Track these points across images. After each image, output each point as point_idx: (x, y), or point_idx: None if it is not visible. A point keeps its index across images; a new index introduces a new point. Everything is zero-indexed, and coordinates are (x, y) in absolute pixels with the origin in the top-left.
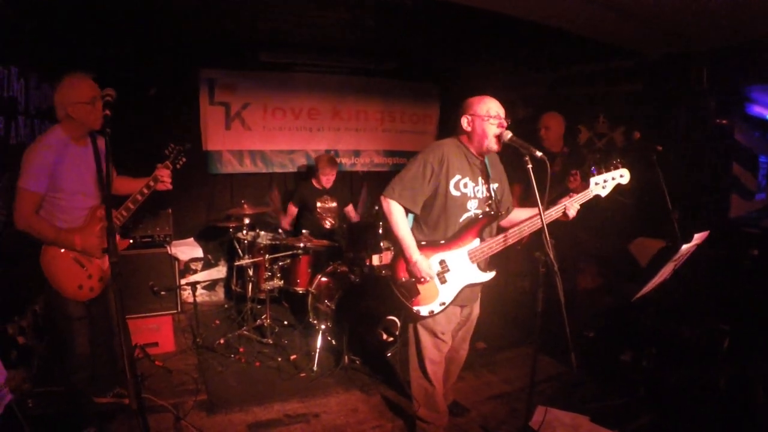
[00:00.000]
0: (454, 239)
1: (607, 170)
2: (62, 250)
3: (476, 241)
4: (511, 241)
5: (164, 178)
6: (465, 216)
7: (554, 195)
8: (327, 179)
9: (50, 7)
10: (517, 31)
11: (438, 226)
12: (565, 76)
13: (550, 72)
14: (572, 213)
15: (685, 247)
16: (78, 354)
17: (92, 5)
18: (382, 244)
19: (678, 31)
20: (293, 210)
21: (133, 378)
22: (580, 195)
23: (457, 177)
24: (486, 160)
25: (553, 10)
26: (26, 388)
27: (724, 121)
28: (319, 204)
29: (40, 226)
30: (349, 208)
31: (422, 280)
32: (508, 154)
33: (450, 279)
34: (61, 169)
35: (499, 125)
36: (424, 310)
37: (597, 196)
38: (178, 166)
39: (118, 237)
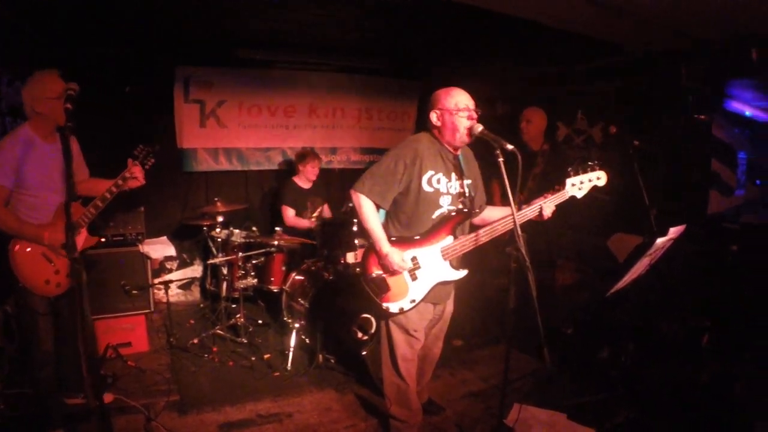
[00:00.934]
0: (426, 236)
1: (584, 172)
2: (30, 245)
3: (449, 239)
4: (483, 240)
5: (136, 174)
6: (438, 212)
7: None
8: (314, 172)
9: (22, 6)
10: (500, 29)
11: (410, 222)
12: (545, 73)
13: (531, 69)
14: (547, 213)
15: (660, 241)
16: (43, 350)
17: (65, 3)
18: (356, 241)
19: (661, 28)
20: (291, 212)
21: (90, 376)
22: (555, 196)
23: (430, 173)
24: (460, 156)
25: (538, 7)
26: None
27: (702, 117)
28: (309, 205)
29: (7, 218)
30: (325, 207)
31: (395, 273)
32: (484, 151)
33: (421, 276)
34: (26, 165)
35: (470, 117)
36: (393, 307)
37: (573, 197)
38: (146, 166)
39: (86, 234)
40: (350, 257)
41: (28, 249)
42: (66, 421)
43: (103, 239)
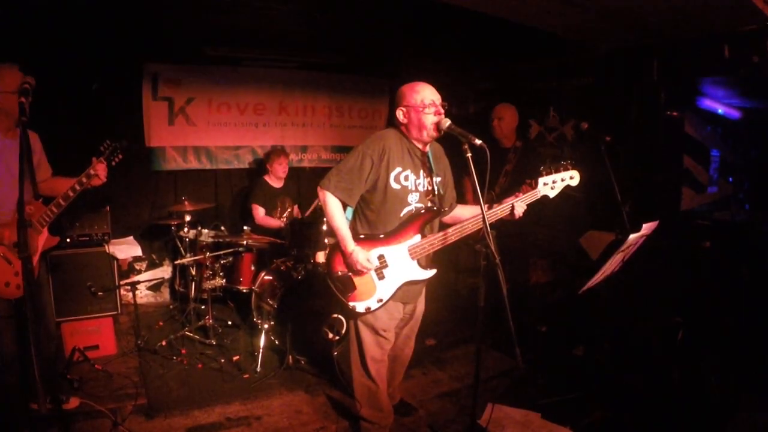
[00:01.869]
0: (393, 234)
1: (557, 171)
2: None
3: (417, 237)
4: (451, 240)
5: (99, 172)
6: (405, 210)
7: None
8: (282, 169)
9: None
10: (470, 25)
11: (378, 220)
12: (516, 71)
13: (501, 67)
14: (519, 212)
15: (632, 236)
16: (5, 354)
17: None
18: (326, 240)
19: (632, 24)
20: (261, 210)
21: (43, 380)
22: (527, 195)
23: (398, 169)
24: (429, 153)
25: (505, 3)
26: None
27: (674, 114)
28: (278, 205)
29: None
30: (295, 208)
31: (361, 272)
32: (455, 148)
33: (388, 275)
34: None
35: (436, 112)
36: (360, 306)
37: (545, 196)
38: (113, 163)
39: (47, 234)
40: (320, 256)
41: None
42: (31, 426)
43: (68, 239)
